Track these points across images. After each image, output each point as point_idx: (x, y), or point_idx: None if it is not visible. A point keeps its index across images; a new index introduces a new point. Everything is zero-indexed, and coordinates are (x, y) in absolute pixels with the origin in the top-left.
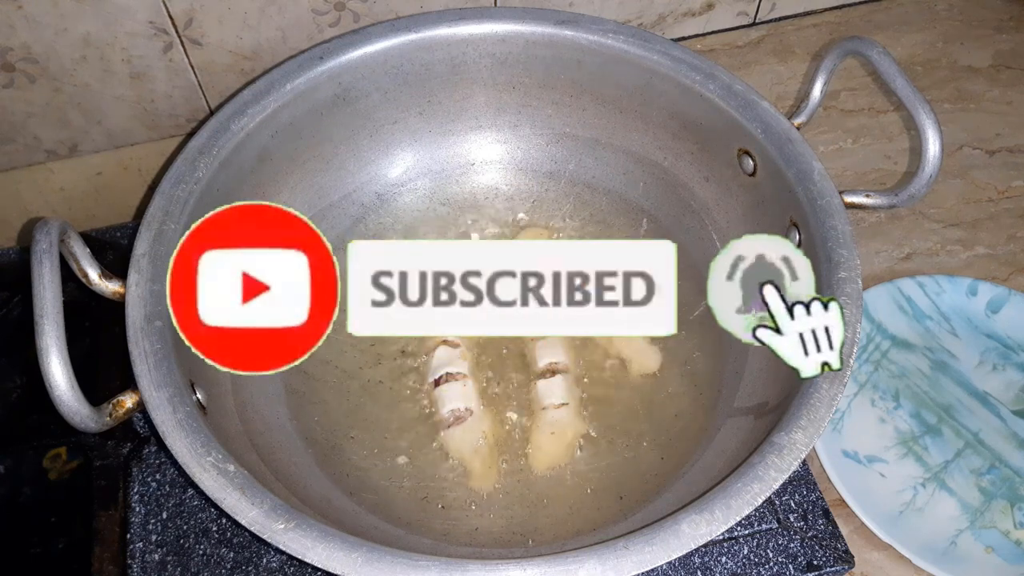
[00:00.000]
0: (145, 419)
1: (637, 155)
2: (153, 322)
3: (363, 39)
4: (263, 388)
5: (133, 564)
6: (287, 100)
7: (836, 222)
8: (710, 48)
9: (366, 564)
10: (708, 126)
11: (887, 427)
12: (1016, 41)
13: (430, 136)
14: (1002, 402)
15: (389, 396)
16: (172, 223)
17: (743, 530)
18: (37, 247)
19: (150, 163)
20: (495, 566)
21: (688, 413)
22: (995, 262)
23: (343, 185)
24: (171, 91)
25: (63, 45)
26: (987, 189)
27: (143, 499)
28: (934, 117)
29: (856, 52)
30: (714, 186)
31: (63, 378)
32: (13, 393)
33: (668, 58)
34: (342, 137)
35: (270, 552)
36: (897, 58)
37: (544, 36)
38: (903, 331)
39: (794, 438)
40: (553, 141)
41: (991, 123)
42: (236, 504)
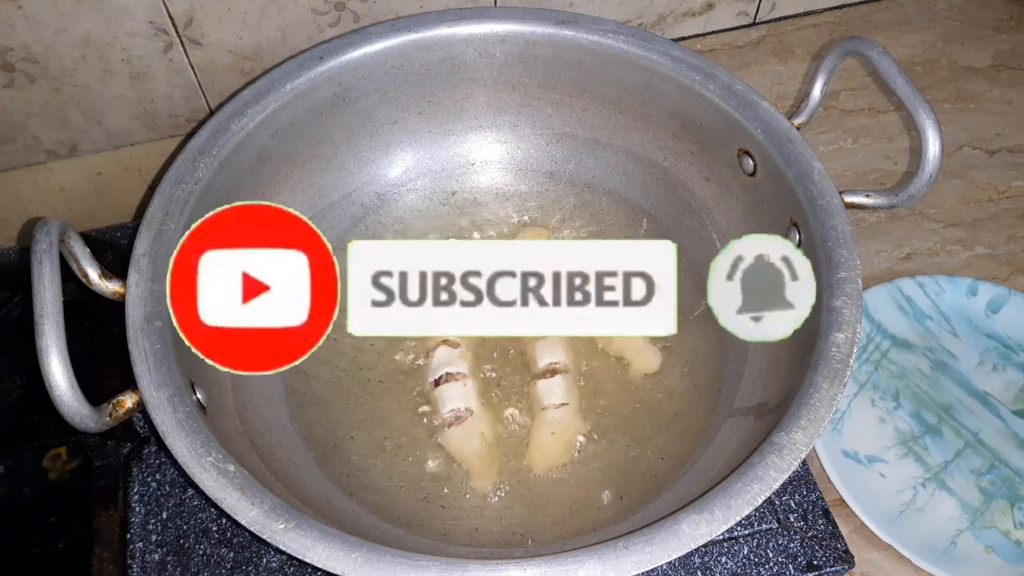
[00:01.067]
0: (145, 419)
1: (637, 155)
2: (153, 322)
3: (363, 39)
4: (263, 388)
5: (133, 564)
6: (287, 100)
7: (836, 222)
8: (710, 48)
9: (366, 564)
10: (708, 126)
11: (887, 427)
12: (1016, 41)
13: (430, 136)
14: (1002, 402)
15: (389, 396)
16: (172, 223)
17: (743, 530)
18: (37, 247)
19: (150, 163)
20: (495, 566)
21: (688, 413)
22: (995, 262)
23: (343, 185)
24: (171, 91)
25: (63, 45)
26: (987, 189)
27: (143, 499)
28: (934, 117)
29: (856, 52)
30: (714, 186)
31: (63, 378)
32: (13, 393)
33: (668, 58)
34: (342, 137)
35: (270, 552)
36: (897, 58)
37: (544, 36)
38: (903, 331)
39: (794, 438)
40: (553, 141)
41: (991, 123)
42: (236, 504)
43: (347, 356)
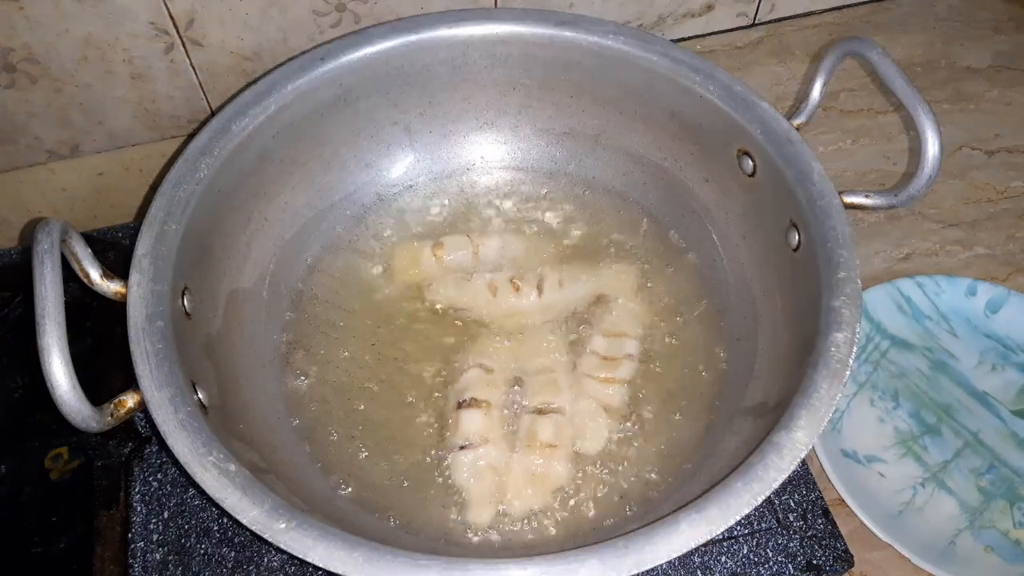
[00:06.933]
0: (146, 419)
1: (637, 155)
2: (154, 322)
3: (364, 40)
4: (264, 388)
5: (134, 563)
6: (288, 101)
7: (836, 222)
8: (710, 49)
9: (367, 563)
10: (708, 127)
11: (886, 427)
12: (1015, 42)
13: (431, 137)
14: (1001, 402)
15: (389, 395)
16: (173, 223)
17: (743, 530)
18: (39, 247)
19: (151, 163)
20: (495, 565)
21: (688, 413)
22: (994, 262)
23: (344, 185)
24: (172, 92)
25: (64, 46)
26: (986, 189)
27: (144, 499)
28: (933, 117)
29: (855, 53)
30: (714, 187)
31: (65, 378)
32: (15, 393)
33: (668, 59)
34: (343, 138)
35: (271, 551)
36: (896, 58)
37: (544, 37)
38: (902, 331)
39: (794, 438)
40: (553, 142)
41: (990, 123)
42: (237, 504)
43: (348, 355)
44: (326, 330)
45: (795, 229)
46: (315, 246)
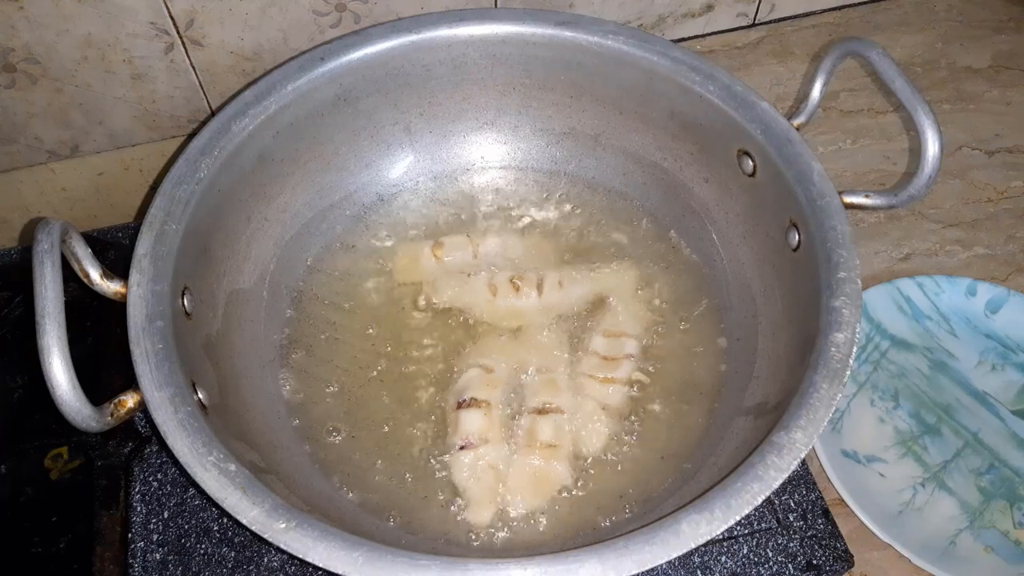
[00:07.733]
0: (146, 419)
1: (637, 155)
2: (154, 322)
3: (364, 40)
4: (264, 388)
5: (134, 563)
6: (288, 101)
7: (836, 222)
8: (710, 49)
9: (367, 563)
10: (708, 127)
11: (886, 427)
12: (1015, 42)
13: (431, 137)
14: (1001, 402)
15: (389, 395)
16: (173, 223)
17: (743, 529)
18: (39, 247)
19: (151, 163)
20: (495, 565)
21: (688, 413)
22: (994, 262)
23: (344, 185)
24: (172, 92)
25: (64, 46)
26: (986, 189)
27: (144, 498)
28: (933, 117)
29: (855, 53)
30: (714, 187)
31: (64, 378)
32: (15, 393)
33: (668, 59)
34: (343, 138)
35: (271, 551)
36: (896, 59)
37: (544, 37)
38: (902, 331)
39: (794, 438)
40: (553, 142)
41: (990, 123)
42: (237, 503)
43: (348, 355)
44: (326, 330)
45: (795, 229)
46: (315, 246)
